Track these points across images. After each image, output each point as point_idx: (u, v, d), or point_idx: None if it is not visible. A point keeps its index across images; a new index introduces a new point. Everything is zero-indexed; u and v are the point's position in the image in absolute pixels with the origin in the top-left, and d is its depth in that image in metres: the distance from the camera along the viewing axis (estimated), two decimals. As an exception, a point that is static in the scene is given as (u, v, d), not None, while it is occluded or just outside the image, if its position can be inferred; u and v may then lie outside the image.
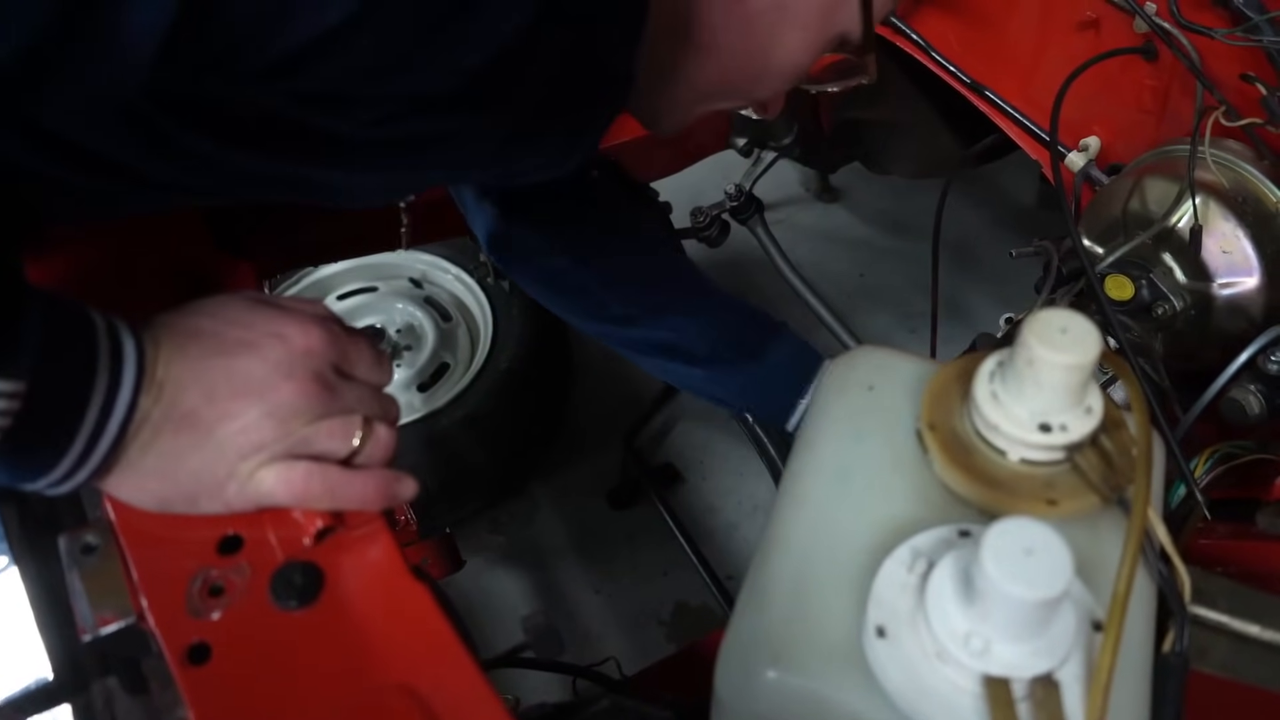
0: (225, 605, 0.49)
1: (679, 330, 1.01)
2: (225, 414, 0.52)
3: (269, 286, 1.26)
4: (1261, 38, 0.80)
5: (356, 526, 0.52)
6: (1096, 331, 0.51)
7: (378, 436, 0.56)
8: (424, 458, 1.67)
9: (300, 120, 0.53)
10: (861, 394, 0.62)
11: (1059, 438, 0.53)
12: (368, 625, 0.48)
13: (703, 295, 1.05)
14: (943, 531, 0.53)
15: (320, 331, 0.55)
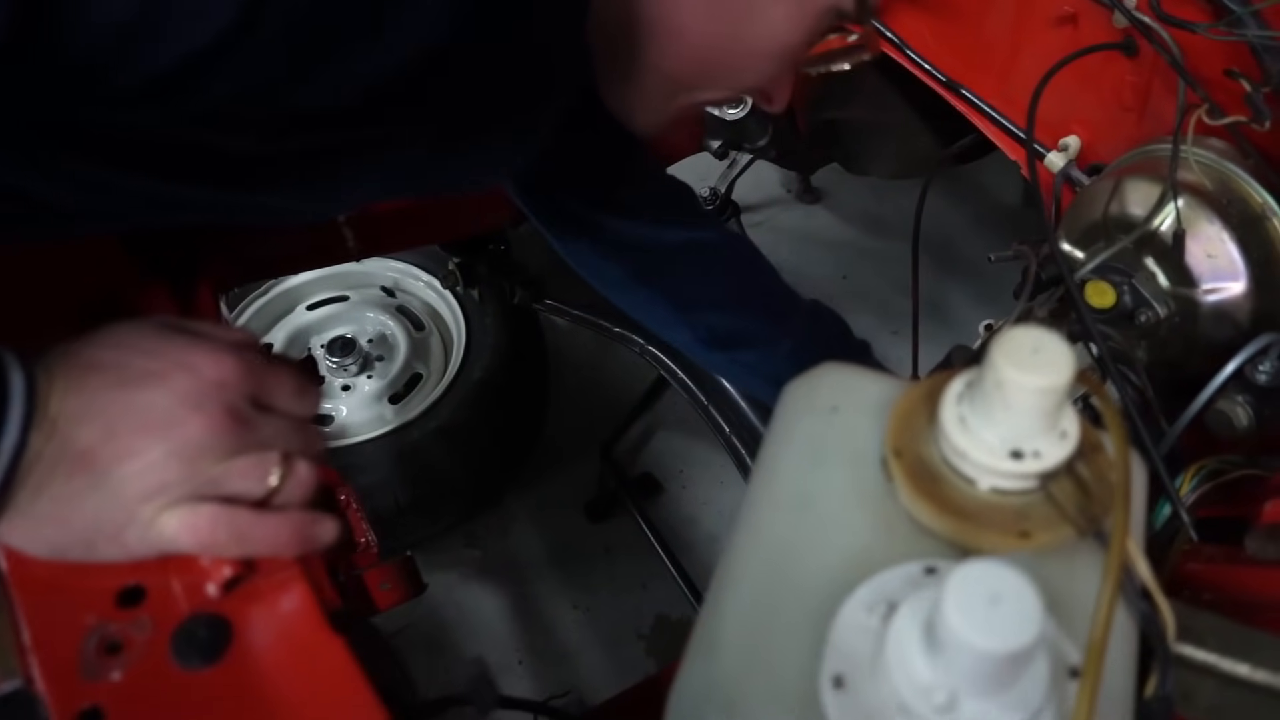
0: (123, 665, 0.44)
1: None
2: (125, 452, 0.47)
3: (227, 301, 1.22)
4: (1245, 32, 0.76)
5: (270, 574, 0.48)
6: (1070, 351, 0.47)
7: (297, 475, 0.52)
8: (395, 471, 1.63)
9: (197, 140, 0.49)
10: (824, 416, 0.58)
11: (1031, 465, 0.49)
12: (278, 684, 0.44)
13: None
14: (908, 569, 0.49)
15: (234, 360, 0.51)
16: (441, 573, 1.73)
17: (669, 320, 1.07)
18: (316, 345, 1.83)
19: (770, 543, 0.53)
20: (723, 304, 1.04)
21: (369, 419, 1.74)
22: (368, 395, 1.77)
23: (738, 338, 1.05)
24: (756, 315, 1.05)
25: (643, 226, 1.02)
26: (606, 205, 1.00)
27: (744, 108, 1.43)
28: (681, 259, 1.04)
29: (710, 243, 1.06)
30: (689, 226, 1.05)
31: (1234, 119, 0.77)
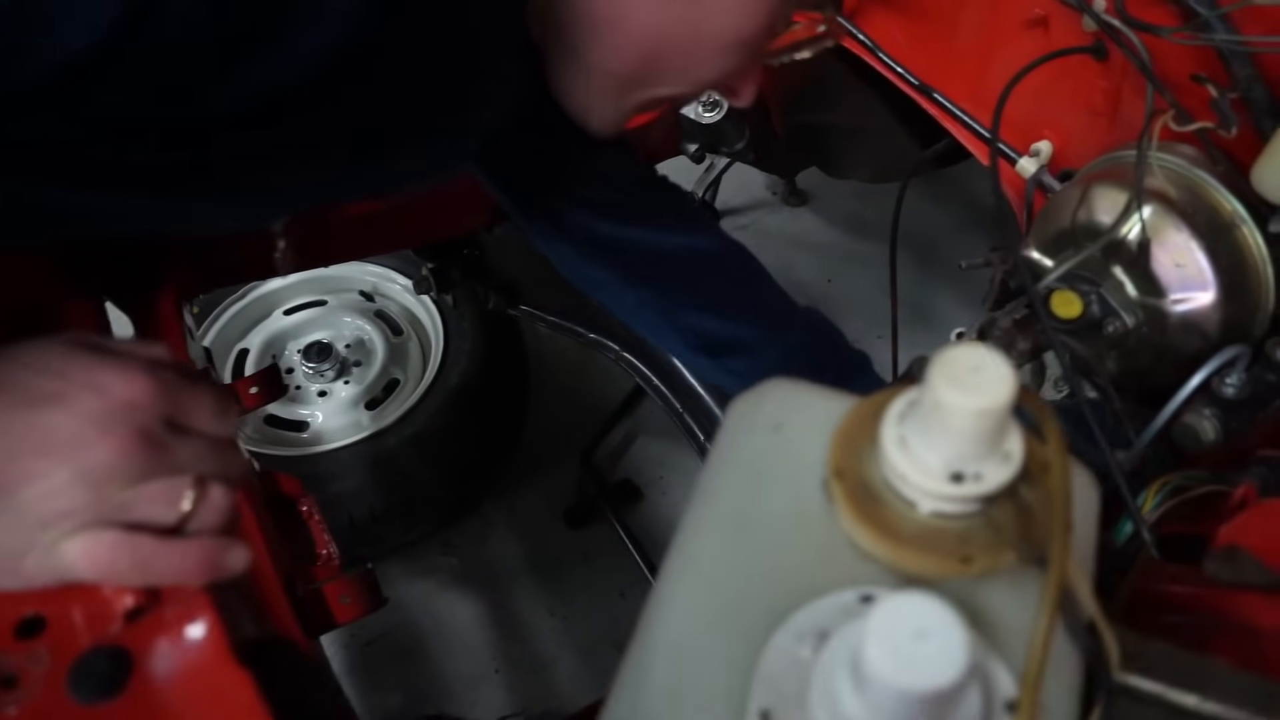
0: (18, 699, 0.43)
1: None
2: (27, 475, 0.45)
3: (190, 308, 1.20)
4: (1213, 36, 0.75)
5: (176, 603, 0.46)
6: (1011, 371, 0.46)
7: (211, 500, 0.50)
8: (370, 478, 1.61)
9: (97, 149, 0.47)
10: (767, 435, 0.56)
11: (972, 488, 0.47)
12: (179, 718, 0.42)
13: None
14: (843, 597, 0.47)
15: (146, 380, 0.49)
16: (418, 580, 1.71)
17: (658, 325, 1.05)
18: (293, 350, 1.81)
19: (705, 568, 0.51)
20: (713, 310, 1.02)
21: (345, 425, 1.72)
22: (344, 401, 1.75)
23: (728, 345, 1.03)
24: (748, 322, 1.03)
25: (632, 230, 1.00)
26: (593, 208, 0.98)
27: (720, 111, 1.41)
28: (672, 263, 1.02)
29: (703, 248, 1.04)
30: (681, 231, 1.03)
31: (1201, 125, 0.75)
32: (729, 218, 2.36)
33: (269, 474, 1.12)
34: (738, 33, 0.62)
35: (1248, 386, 0.74)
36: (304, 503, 1.09)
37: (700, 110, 1.42)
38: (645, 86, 0.66)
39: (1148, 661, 0.49)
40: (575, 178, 0.95)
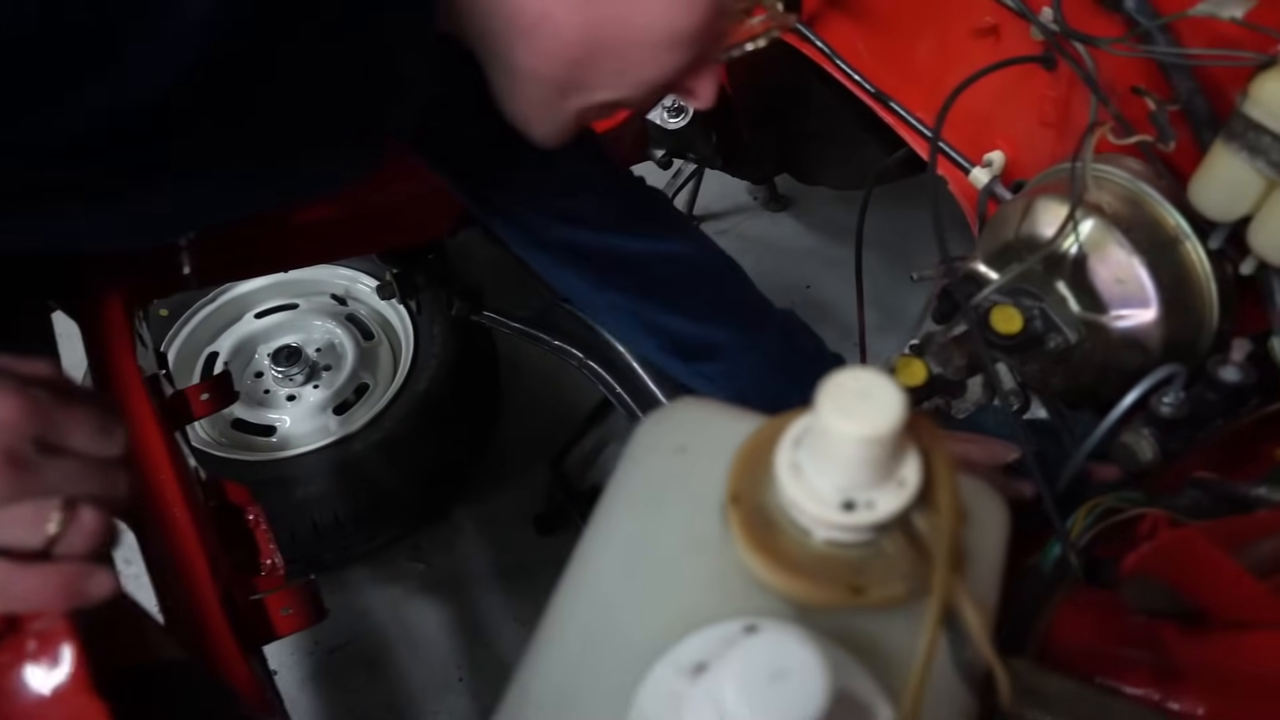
0: None
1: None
2: None
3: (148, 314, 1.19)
4: (1152, 48, 0.73)
5: (31, 631, 0.44)
6: (902, 398, 0.44)
7: (80, 523, 0.48)
8: (336, 484, 1.60)
9: None
10: (671, 457, 0.55)
11: (864, 517, 0.46)
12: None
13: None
14: (727, 628, 0.46)
15: (16, 399, 0.47)
16: (385, 586, 1.70)
17: (630, 328, 1.03)
18: (264, 354, 1.79)
19: (596, 593, 0.50)
20: (686, 313, 1.01)
21: (312, 430, 1.71)
22: (313, 406, 1.74)
23: (700, 348, 1.02)
24: (722, 326, 1.01)
25: (601, 236, 0.98)
26: (561, 216, 0.97)
27: (685, 116, 1.40)
28: (644, 267, 1.01)
29: (677, 252, 1.02)
30: (654, 235, 1.01)
31: (1140, 138, 0.73)
32: (709, 222, 2.35)
33: (216, 481, 1.11)
34: (673, 29, 0.60)
35: (1185, 406, 0.72)
36: (251, 511, 1.08)
37: (665, 116, 1.41)
38: (582, 91, 0.64)
39: (1045, 698, 0.48)
40: (540, 185, 0.94)
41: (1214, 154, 0.67)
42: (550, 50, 0.61)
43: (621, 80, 0.63)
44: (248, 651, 0.91)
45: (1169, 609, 0.55)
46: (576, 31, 0.60)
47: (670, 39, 0.60)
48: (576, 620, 0.49)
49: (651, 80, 0.63)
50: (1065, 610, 0.62)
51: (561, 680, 0.47)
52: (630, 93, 0.64)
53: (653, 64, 0.61)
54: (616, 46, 0.60)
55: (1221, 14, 0.64)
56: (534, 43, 0.61)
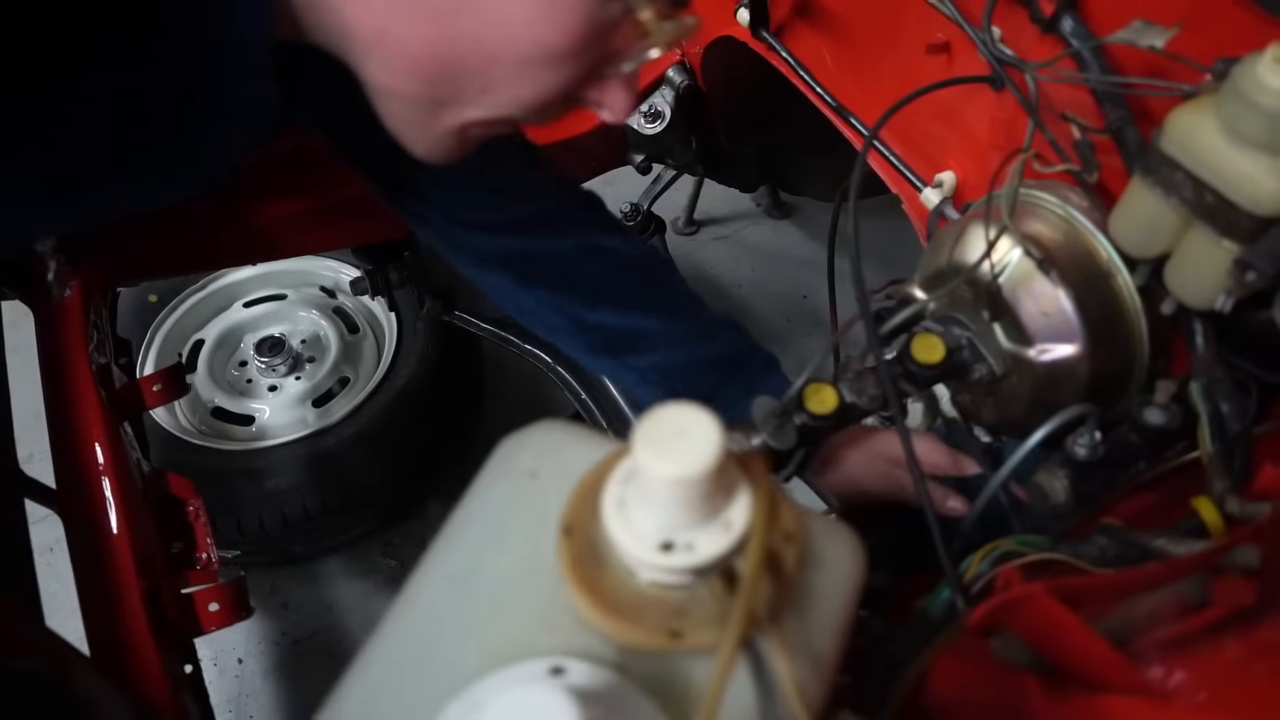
0: None
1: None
2: None
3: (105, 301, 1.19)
4: (1085, 74, 0.70)
5: None
6: (719, 439, 0.43)
7: None
8: (309, 476, 1.60)
9: None
10: (522, 482, 0.53)
11: (682, 559, 0.44)
12: None
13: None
14: (532, 666, 0.44)
15: None
16: (356, 580, 1.70)
17: (559, 325, 1.02)
18: (249, 343, 1.80)
19: (420, 619, 0.49)
20: (615, 305, 0.99)
21: (290, 421, 1.71)
22: (293, 397, 1.74)
23: (630, 340, 1.00)
24: (650, 317, 1.00)
25: (526, 240, 0.98)
26: (484, 224, 0.96)
27: (661, 122, 1.38)
28: (571, 264, 0.99)
29: (605, 247, 1.01)
30: (581, 235, 1.00)
31: (1064, 166, 0.71)
32: (709, 227, 2.33)
33: (161, 473, 1.11)
34: (538, 48, 0.57)
35: (1101, 447, 0.69)
36: (192, 504, 1.08)
37: (642, 121, 1.39)
38: (451, 108, 0.62)
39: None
40: (456, 193, 0.92)
41: (1131, 189, 0.64)
42: (399, 67, 0.59)
43: (492, 98, 0.60)
44: (165, 647, 0.92)
45: (1022, 660, 0.53)
46: (422, 48, 0.57)
47: (537, 57, 0.57)
48: (400, 640, 0.48)
49: (530, 98, 0.60)
50: (945, 658, 0.59)
51: (372, 700, 0.45)
52: (509, 111, 0.62)
53: (525, 82, 0.59)
54: (475, 65, 0.57)
55: (1140, 42, 0.61)
56: (380, 59, 0.59)
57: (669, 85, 1.39)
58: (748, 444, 0.74)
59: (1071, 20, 0.72)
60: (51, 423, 1.01)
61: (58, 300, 1.11)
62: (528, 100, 0.62)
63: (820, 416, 0.74)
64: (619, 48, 0.62)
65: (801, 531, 0.50)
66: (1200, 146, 0.58)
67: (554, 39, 0.57)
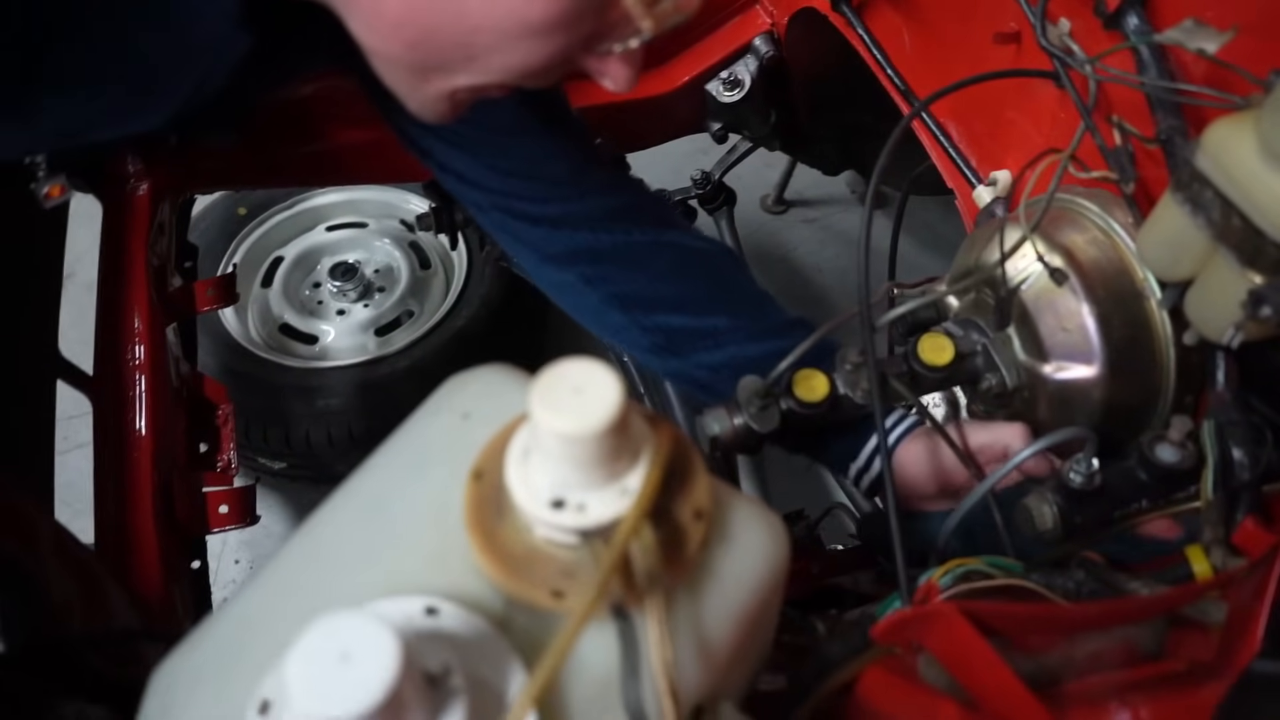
0: None
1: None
2: None
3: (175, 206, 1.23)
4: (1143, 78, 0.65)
5: None
6: (616, 400, 0.41)
7: None
8: (359, 401, 1.64)
9: None
10: (453, 421, 0.53)
11: (571, 518, 0.43)
12: None
13: None
14: (408, 604, 0.44)
15: None
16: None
17: (622, 325, 0.97)
18: (325, 266, 1.85)
19: (322, 541, 0.49)
20: (682, 303, 0.95)
21: (351, 346, 1.76)
22: (357, 323, 1.78)
23: (699, 337, 0.95)
24: (721, 315, 0.95)
25: (590, 234, 0.94)
26: (546, 218, 0.93)
27: (740, 90, 1.34)
28: (635, 259, 0.96)
29: (673, 241, 0.97)
30: (647, 230, 0.97)
31: (1101, 173, 0.66)
32: (799, 208, 2.27)
33: (199, 376, 1.15)
34: (521, 19, 0.56)
35: (1097, 477, 0.65)
36: (223, 409, 1.12)
37: (721, 88, 1.36)
38: (439, 73, 0.61)
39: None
40: (516, 188, 0.91)
41: (1161, 204, 0.59)
42: (380, 29, 0.59)
43: (478, 66, 0.59)
44: (169, 540, 0.95)
45: (938, 682, 0.50)
46: (400, 11, 0.57)
47: (519, 30, 0.56)
48: (292, 561, 0.48)
49: (518, 68, 0.59)
50: (875, 669, 0.57)
51: (254, 615, 0.46)
52: (498, 77, 0.61)
53: (510, 53, 0.58)
54: (456, 32, 0.57)
55: (1189, 45, 0.56)
56: (362, 19, 0.59)
57: (753, 54, 1.35)
58: (729, 423, 0.72)
59: (1137, 18, 0.67)
60: (99, 313, 1.06)
61: (127, 197, 1.15)
62: (515, 69, 0.61)
63: (808, 404, 0.71)
64: (612, 23, 0.60)
65: (717, 512, 0.48)
66: (1234, 164, 0.53)
67: (534, 14, 0.56)
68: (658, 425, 0.45)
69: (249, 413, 1.58)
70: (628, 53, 0.63)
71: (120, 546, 0.90)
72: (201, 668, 0.45)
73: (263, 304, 1.81)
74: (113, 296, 1.08)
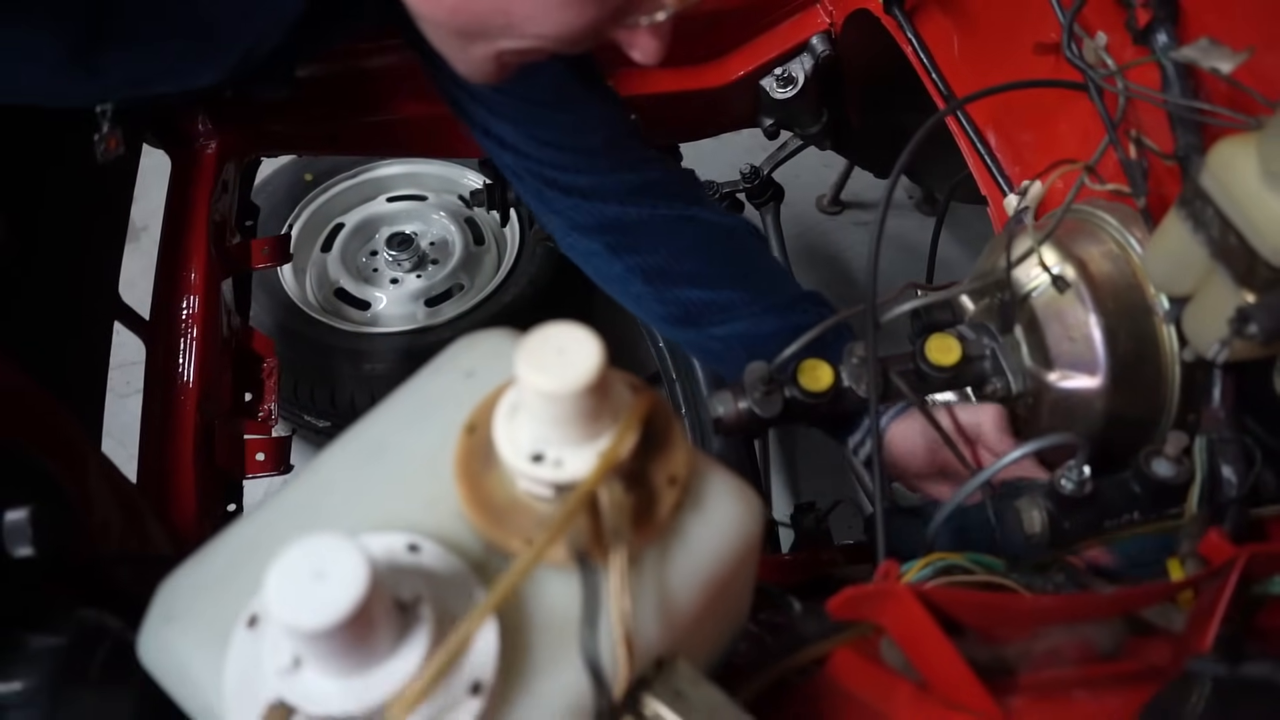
0: None
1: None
2: None
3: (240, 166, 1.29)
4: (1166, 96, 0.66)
5: None
6: (596, 362, 0.44)
7: None
8: (405, 367, 1.68)
9: None
10: (458, 379, 0.56)
11: (548, 472, 0.46)
12: None
13: None
14: (392, 539, 0.47)
15: None
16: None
17: (642, 294, 1.02)
18: (383, 236, 1.91)
19: (326, 474, 0.52)
20: (703, 276, 0.99)
21: (401, 314, 1.81)
22: (409, 292, 1.84)
23: (714, 309, 0.99)
24: (737, 289, 0.99)
25: (619, 206, 0.99)
26: (577, 188, 0.97)
27: (793, 88, 1.36)
28: (660, 232, 1.00)
29: (696, 216, 1.01)
30: (673, 204, 1.01)
31: (1114, 186, 0.66)
32: (854, 210, 2.27)
33: (249, 330, 1.21)
34: None
35: (1089, 484, 0.65)
36: (268, 363, 1.17)
37: (774, 85, 1.37)
38: (483, 39, 0.65)
39: (688, 703, 0.46)
40: (552, 162, 0.94)
41: (1167, 219, 0.60)
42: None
43: (516, 31, 0.63)
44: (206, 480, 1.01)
45: (894, 662, 0.52)
46: None
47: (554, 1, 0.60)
48: (298, 491, 0.51)
49: (555, 35, 0.63)
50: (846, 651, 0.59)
51: (253, 541, 0.50)
52: (536, 43, 0.64)
53: (545, 21, 0.62)
54: (492, 3, 0.60)
55: (1203, 63, 0.56)
56: None
57: (809, 52, 1.36)
58: (734, 406, 0.74)
59: (1166, 35, 0.67)
60: (160, 262, 1.12)
61: (195, 155, 1.21)
62: (552, 37, 0.65)
63: (811, 393, 0.73)
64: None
65: (693, 481, 0.51)
66: (1234, 183, 0.53)
67: None
68: (639, 392, 0.48)
69: (299, 371, 1.64)
70: (655, 26, 0.66)
71: (160, 482, 0.96)
72: (203, 582, 0.49)
73: (321, 268, 1.87)
74: (174, 247, 1.13)
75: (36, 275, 0.87)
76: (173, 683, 0.47)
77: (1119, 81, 0.71)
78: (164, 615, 0.48)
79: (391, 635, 0.41)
